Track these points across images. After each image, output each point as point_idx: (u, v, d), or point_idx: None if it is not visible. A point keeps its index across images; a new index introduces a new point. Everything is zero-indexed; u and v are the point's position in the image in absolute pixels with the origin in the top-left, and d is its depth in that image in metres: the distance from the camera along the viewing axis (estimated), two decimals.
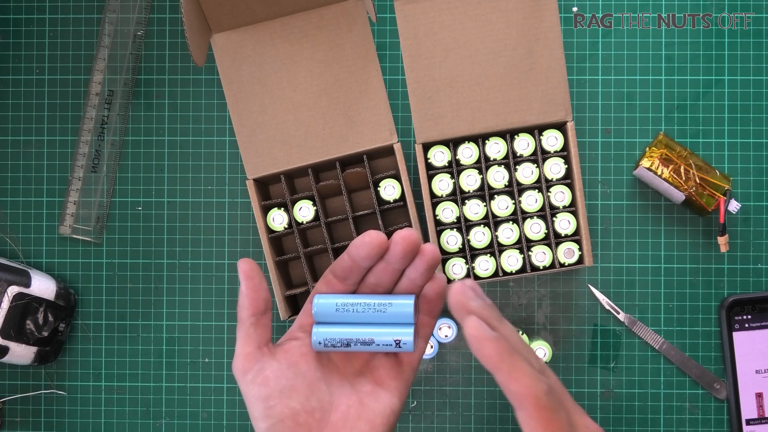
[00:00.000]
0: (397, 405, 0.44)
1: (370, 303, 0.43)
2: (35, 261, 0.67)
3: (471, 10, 0.58)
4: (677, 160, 0.61)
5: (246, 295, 0.43)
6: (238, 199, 0.66)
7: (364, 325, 0.43)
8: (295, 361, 0.43)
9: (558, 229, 0.59)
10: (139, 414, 0.66)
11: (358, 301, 0.43)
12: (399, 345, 0.43)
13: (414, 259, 0.42)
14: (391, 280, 0.43)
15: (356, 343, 0.43)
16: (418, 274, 0.42)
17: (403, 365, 0.45)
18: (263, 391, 0.42)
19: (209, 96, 0.66)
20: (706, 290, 0.65)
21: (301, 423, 0.41)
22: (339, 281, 0.44)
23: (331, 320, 0.44)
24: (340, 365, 0.45)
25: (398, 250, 0.41)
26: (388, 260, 0.42)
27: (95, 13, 0.67)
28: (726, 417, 0.65)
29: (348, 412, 0.43)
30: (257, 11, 0.58)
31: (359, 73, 0.59)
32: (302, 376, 0.43)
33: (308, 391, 0.42)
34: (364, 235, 0.41)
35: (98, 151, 0.66)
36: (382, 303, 0.43)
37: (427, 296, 0.43)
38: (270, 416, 0.41)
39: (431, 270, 0.42)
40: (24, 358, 0.62)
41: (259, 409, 0.41)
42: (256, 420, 0.42)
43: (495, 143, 0.60)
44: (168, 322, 0.66)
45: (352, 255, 0.42)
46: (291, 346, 0.44)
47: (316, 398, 0.42)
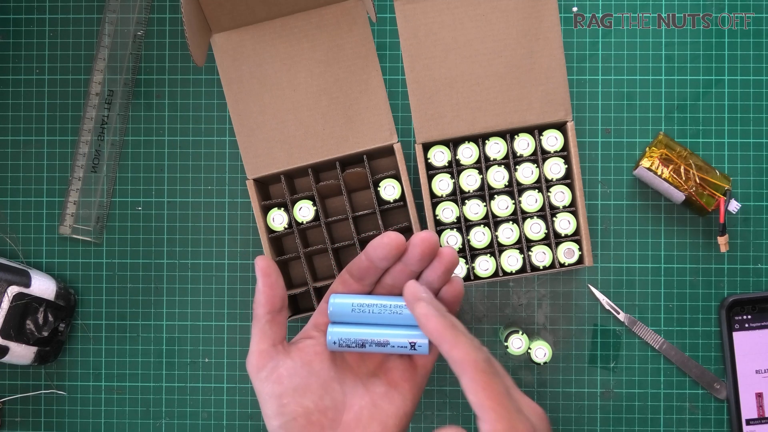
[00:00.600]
0: (410, 407, 0.44)
1: (387, 304, 0.43)
2: (35, 261, 0.67)
3: (471, 10, 0.58)
4: (677, 160, 0.61)
5: (263, 292, 0.43)
6: (238, 199, 0.66)
7: (380, 327, 0.43)
8: (309, 360, 0.43)
9: (558, 229, 0.59)
10: (139, 414, 0.66)
11: (375, 302, 0.43)
12: (414, 347, 0.43)
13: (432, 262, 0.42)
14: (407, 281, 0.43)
15: (371, 344, 0.43)
16: (436, 277, 0.42)
17: (417, 368, 0.45)
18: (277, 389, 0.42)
19: (209, 96, 0.66)
20: (706, 290, 0.65)
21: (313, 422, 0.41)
22: (355, 281, 0.44)
23: (347, 320, 0.43)
24: (354, 366, 0.45)
25: (417, 252, 0.41)
26: (406, 262, 0.42)
27: (95, 13, 0.67)
28: (726, 417, 0.65)
29: (361, 412, 0.43)
30: (257, 11, 0.58)
31: (359, 73, 0.59)
32: (316, 375, 0.43)
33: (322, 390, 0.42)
34: (383, 236, 0.41)
35: (98, 151, 0.66)
36: (399, 305, 0.43)
37: (443, 299, 0.43)
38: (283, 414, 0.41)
39: (449, 273, 0.42)
40: (24, 358, 0.62)
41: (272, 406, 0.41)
42: (269, 418, 0.42)
43: (495, 143, 0.60)
44: (168, 322, 0.66)
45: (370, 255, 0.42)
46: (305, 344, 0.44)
47: (330, 398, 0.42)
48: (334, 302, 0.43)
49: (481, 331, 0.65)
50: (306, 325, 0.45)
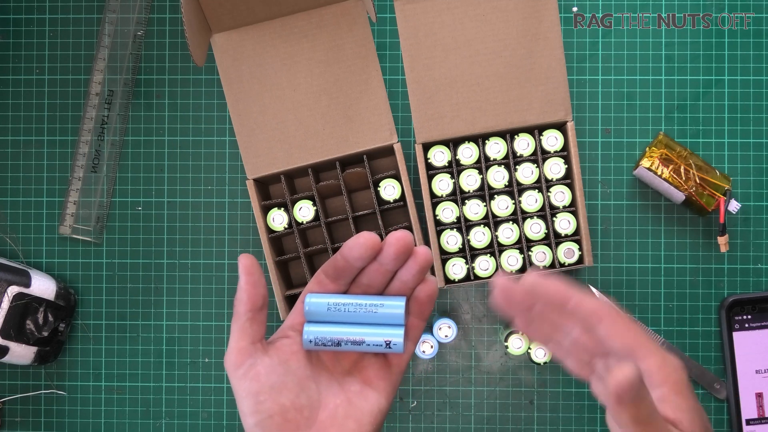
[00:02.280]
0: (384, 405, 0.44)
1: (362, 303, 0.44)
2: (35, 261, 0.67)
3: (471, 10, 0.58)
4: (677, 160, 0.61)
5: (245, 290, 0.43)
6: (238, 199, 0.66)
7: (355, 325, 0.44)
8: (286, 359, 0.43)
9: (558, 229, 0.59)
10: (139, 414, 0.66)
11: (350, 301, 0.44)
12: (389, 346, 0.44)
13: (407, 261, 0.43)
14: (382, 281, 0.43)
15: (347, 342, 0.44)
16: (410, 276, 0.43)
17: (392, 366, 0.45)
18: (254, 386, 0.42)
19: (209, 96, 0.66)
20: (706, 290, 0.65)
21: (289, 419, 0.42)
22: (331, 281, 0.44)
23: (323, 319, 0.44)
24: (329, 365, 0.45)
25: (391, 251, 0.41)
26: (381, 261, 0.42)
27: (95, 13, 0.67)
28: (726, 417, 0.65)
29: (336, 410, 0.43)
30: (257, 11, 0.58)
31: (359, 73, 0.59)
32: (293, 373, 0.43)
33: (298, 388, 0.43)
34: (358, 236, 0.42)
35: (98, 151, 0.66)
36: (374, 304, 0.43)
37: (417, 298, 0.44)
38: (259, 411, 0.41)
39: (423, 272, 0.43)
40: (24, 358, 0.62)
41: (248, 404, 0.42)
42: (245, 415, 0.42)
43: (495, 143, 0.60)
44: (168, 322, 0.66)
45: (345, 255, 0.42)
46: (282, 343, 0.44)
47: (306, 396, 0.43)
48: (310, 301, 0.44)
49: (482, 331, 0.65)
50: (282, 325, 0.46)
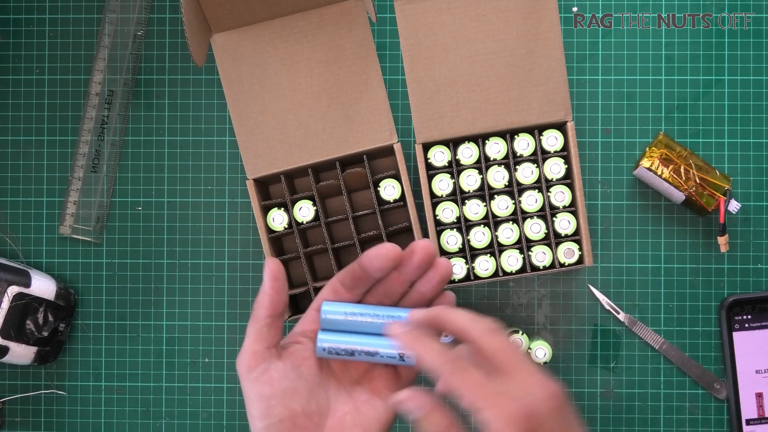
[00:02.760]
0: (392, 414, 0.44)
1: (379, 314, 0.43)
2: (35, 261, 0.67)
3: (471, 10, 0.58)
4: (677, 160, 0.61)
5: (268, 294, 0.43)
6: (238, 199, 0.66)
7: (370, 336, 0.43)
8: (298, 364, 0.43)
9: (558, 229, 0.59)
10: (139, 414, 0.66)
11: (368, 311, 0.43)
12: (402, 359, 0.43)
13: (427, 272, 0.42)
14: (400, 291, 0.43)
15: (360, 353, 0.43)
16: (430, 287, 0.43)
17: (401, 377, 0.45)
18: (266, 390, 0.42)
19: (209, 96, 0.66)
20: (706, 290, 0.65)
21: (298, 425, 0.42)
22: (346, 290, 0.44)
23: (338, 328, 0.44)
24: (338, 372, 0.45)
25: (416, 259, 0.42)
26: (403, 270, 0.42)
27: (95, 13, 0.67)
28: (726, 417, 0.65)
29: (344, 418, 0.43)
30: (257, 11, 0.58)
31: (359, 73, 0.59)
32: (304, 379, 0.43)
33: (308, 394, 0.43)
34: (380, 246, 0.41)
35: (98, 151, 0.66)
36: (392, 315, 0.43)
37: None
38: (269, 416, 0.41)
39: (443, 284, 0.43)
40: (24, 358, 0.62)
41: (259, 407, 0.42)
42: (254, 418, 0.42)
43: (495, 143, 0.60)
44: (168, 322, 0.66)
45: (365, 266, 0.42)
46: (295, 349, 0.44)
47: (315, 402, 0.43)
48: (327, 309, 0.44)
49: None
50: (292, 331, 0.45)
